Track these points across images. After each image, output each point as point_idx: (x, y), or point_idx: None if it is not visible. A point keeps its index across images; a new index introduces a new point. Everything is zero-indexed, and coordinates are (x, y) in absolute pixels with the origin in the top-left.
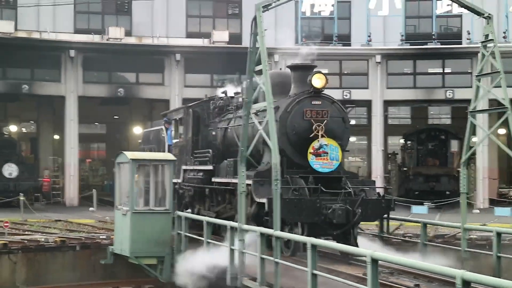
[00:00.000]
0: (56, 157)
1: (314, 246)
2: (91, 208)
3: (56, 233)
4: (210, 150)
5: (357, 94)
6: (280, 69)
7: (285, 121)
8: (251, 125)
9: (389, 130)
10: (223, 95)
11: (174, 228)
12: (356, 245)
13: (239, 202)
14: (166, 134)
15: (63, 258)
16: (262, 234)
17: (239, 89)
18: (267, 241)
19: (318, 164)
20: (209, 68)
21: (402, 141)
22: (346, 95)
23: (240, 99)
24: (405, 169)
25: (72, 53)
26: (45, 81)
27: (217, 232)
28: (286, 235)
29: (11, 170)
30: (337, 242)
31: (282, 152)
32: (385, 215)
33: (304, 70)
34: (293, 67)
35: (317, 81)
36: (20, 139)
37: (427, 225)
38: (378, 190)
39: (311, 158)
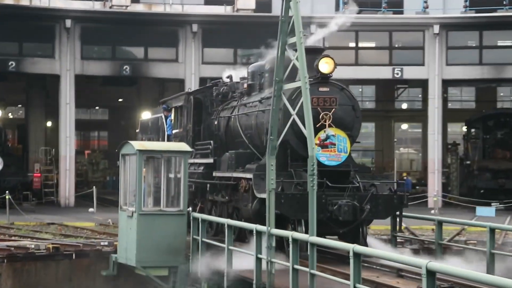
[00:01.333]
0: (48, 148)
1: (356, 255)
2: (90, 209)
3: (48, 239)
4: (212, 142)
5: (411, 72)
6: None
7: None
8: (254, 114)
9: (449, 115)
10: (228, 80)
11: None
12: (366, 245)
13: (267, 201)
14: (165, 123)
15: (56, 268)
16: (294, 240)
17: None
18: (277, 242)
19: (325, 157)
20: (232, 42)
21: (464, 128)
22: (397, 74)
23: (245, 85)
24: (468, 162)
25: (68, 23)
26: (36, 56)
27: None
28: (324, 241)
29: None
30: (345, 241)
31: (286, 144)
32: (398, 212)
33: (311, 53)
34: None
35: (325, 66)
36: (6, 126)
37: (495, 230)
38: (390, 185)
39: (316, 150)
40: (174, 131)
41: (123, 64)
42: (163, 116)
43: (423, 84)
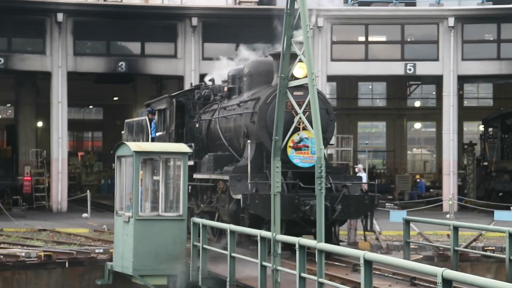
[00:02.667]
0: (39, 150)
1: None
2: (84, 215)
3: (40, 246)
4: (193, 144)
5: (424, 68)
6: (266, 56)
7: (265, 113)
8: (233, 117)
9: (465, 113)
10: (210, 83)
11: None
12: (338, 244)
13: (272, 205)
14: (149, 126)
15: (48, 277)
16: (301, 247)
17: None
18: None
19: (298, 159)
20: (234, 36)
21: (481, 127)
22: (409, 69)
23: (226, 88)
24: (485, 163)
25: (60, 17)
26: (26, 53)
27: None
28: (333, 247)
29: None
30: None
31: (261, 146)
32: (369, 213)
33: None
34: (275, 55)
35: (299, 70)
36: None
37: None
38: (362, 186)
39: (290, 152)
40: (157, 134)
41: (118, 60)
42: (147, 119)
43: (437, 80)
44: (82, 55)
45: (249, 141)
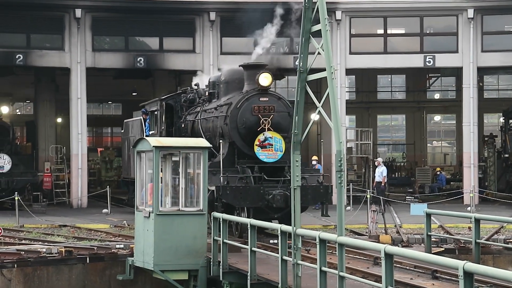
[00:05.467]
0: (59, 146)
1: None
2: (104, 210)
3: (61, 242)
4: None
5: (443, 60)
6: (240, 66)
7: (236, 116)
8: (211, 119)
9: (485, 105)
10: (196, 87)
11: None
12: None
13: (292, 198)
14: (144, 125)
15: (69, 273)
16: (322, 241)
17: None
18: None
19: (264, 155)
20: (253, 30)
21: (502, 119)
22: (428, 62)
23: (207, 93)
24: (506, 155)
25: (78, 13)
26: (45, 49)
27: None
28: (353, 241)
29: (2, 162)
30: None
31: (233, 144)
32: (324, 200)
33: (254, 69)
34: (244, 66)
35: (264, 80)
36: (14, 123)
37: None
38: (318, 177)
39: (257, 149)
40: (150, 132)
41: (137, 56)
42: (142, 119)
43: (457, 72)
44: (101, 51)
45: (221, 140)
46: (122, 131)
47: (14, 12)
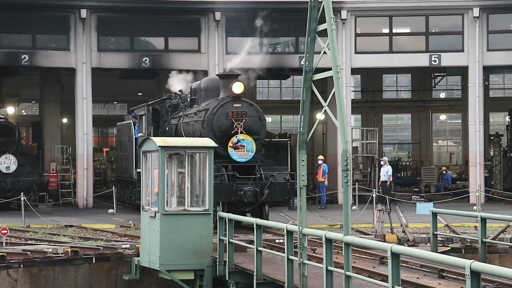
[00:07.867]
0: (65, 146)
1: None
2: (110, 210)
3: (66, 242)
4: None
5: (449, 59)
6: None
7: (212, 120)
8: (191, 123)
9: (491, 104)
10: (179, 93)
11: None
12: (267, 219)
13: (298, 196)
14: (133, 128)
15: (76, 273)
16: (328, 240)
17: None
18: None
19: (237, 155)
20: (258, 30)
21: (508, 118)
22: (434, 61)
23: (189, 99)
24: None
25: (84, 13)
26: (50, 49)
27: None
28: (360, 240)
29: (8, 163)
30: (253, 217)
31: None
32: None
33: (229, 78)
34: (220, 76)
35: (237, 88)
36: (20, 123)
37: None
38: (286, 175)
39: (230, 150)
40: (139, 134)
41: (142, 56)
42: (132, 122)
43: (462, 71)
44: (106, 51)
45: None
46: (115, 133)
47: (20, 13)
